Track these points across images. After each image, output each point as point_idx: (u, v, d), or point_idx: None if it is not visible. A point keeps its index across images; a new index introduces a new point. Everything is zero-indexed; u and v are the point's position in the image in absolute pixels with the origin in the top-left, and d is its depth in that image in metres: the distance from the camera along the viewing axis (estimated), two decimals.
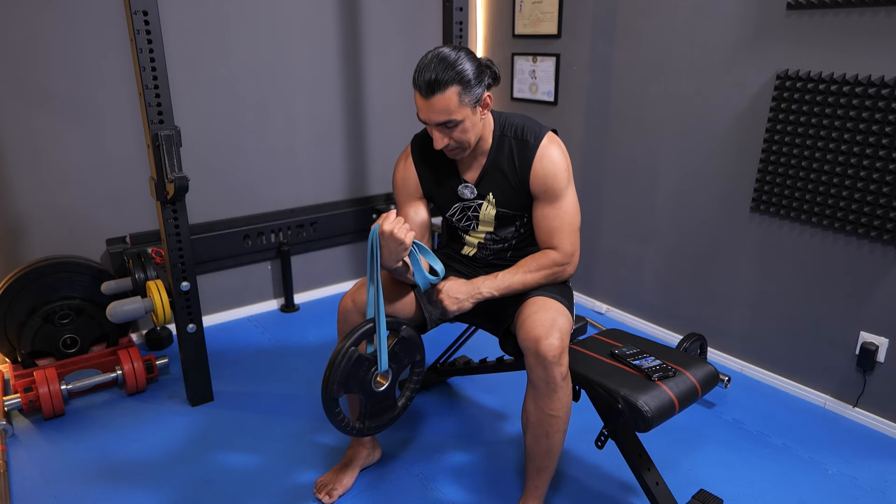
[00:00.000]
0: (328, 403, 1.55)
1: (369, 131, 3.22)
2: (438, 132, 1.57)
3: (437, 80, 1.48)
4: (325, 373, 1.52)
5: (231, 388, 2.43)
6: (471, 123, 1.56)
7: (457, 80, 1.49)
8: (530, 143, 1.63)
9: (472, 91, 1.52)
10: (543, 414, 1.56)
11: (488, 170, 1.69)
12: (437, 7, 3.08)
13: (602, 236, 3.02)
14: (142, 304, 2.19)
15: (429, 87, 1.49)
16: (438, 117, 1.52)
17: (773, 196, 2.30)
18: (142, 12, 1.85)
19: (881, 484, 1.94)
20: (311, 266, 3.21)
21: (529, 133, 1.65)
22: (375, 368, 1.59)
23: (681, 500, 1.76)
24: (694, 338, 2.36)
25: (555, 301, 1.63)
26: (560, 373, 1.51)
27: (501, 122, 1.68)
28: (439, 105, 1.50)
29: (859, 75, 2.01)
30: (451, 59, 1.49)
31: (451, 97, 1.49)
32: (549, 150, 1.63)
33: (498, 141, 1.67)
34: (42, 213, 2.46)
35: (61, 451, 2.05)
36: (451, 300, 1.66)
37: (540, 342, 1.49)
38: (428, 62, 1.50)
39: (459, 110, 1.52)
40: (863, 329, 2.18)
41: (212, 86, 2.70)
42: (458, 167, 1.72)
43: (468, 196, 1.73)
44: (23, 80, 2.32)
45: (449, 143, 1.58)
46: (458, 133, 1.56)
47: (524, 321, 1.56)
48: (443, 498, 1.86)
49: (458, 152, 1.63)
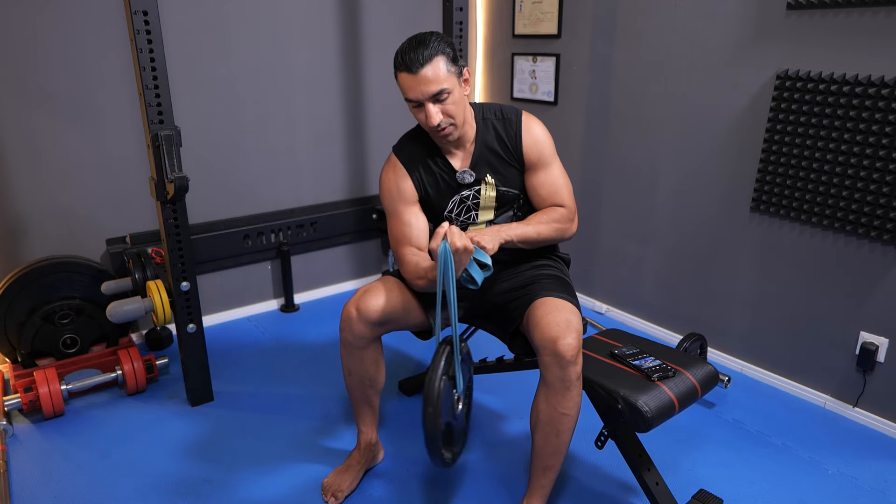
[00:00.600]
0: (435, 441, 1.45)
1: (369, 131, 3.22)
2: (432, 106, 1.59)
3: (424, 54, 1.55)
4: (426, 408, 1.42)
5: (231, 388, 2.43)
6: (459, 96, 1.62)
7: (440, 51, 1.57)
8: (513, 119, 1.74)
9: (456, 63, 1.61)
10: (555, 412, 1.56)
11: (480, 153, 1.73)
12: (437, 7, 3.08)
13: (602, 236, 3.02)
14: (142, 304, 2.19)
15: (416, 61, 1.55)
16: (430, 88, 1.56)
17: (773, 196, 2.30)
18: (142, 12, 1.85)
19: (881, 484, 1.94)
20: (311, 266, 3.21)
21: (508, 111, 1.76)
22: (455, 391, 1.54)
23: (681, 500, 1.76)
24: (694, 338, 2.36)
25: (566, 301, 1.65)
26: (575, 372, 1.53)
27: (481, 109, 1.77)
28: (430, 75, 1.55)
29: (859, 75, 2.01)
30: (433, 35, 1.59)
31: (438, 66, 1.56)
32: (531, 122, 1.75)
33: (481, 125, 1.74)
34: (42, 213, 2.46)
35: (61, 451, 2.05)
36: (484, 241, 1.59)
37: (558, 342, 1.50)
38: (408, 44, 1.58)
39: (448, 78, 1.58)
40: (863, 329, 2.18)
41: (212, 86, 2.70)
42: (450, 160, 1.74)
43: (468, 180, 1.74)
44: (23, 80, 2.32)
45: (442, 119, 1.61)
46: (451, 106, 1.60)
47: (539, 321, 1.58)
48: (443, 498, 1.86)
49: (452, 131, 1.65)
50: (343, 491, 1.85)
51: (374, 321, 1.67)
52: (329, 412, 2.28)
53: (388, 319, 1.70)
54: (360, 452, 1.92)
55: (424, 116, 1.61)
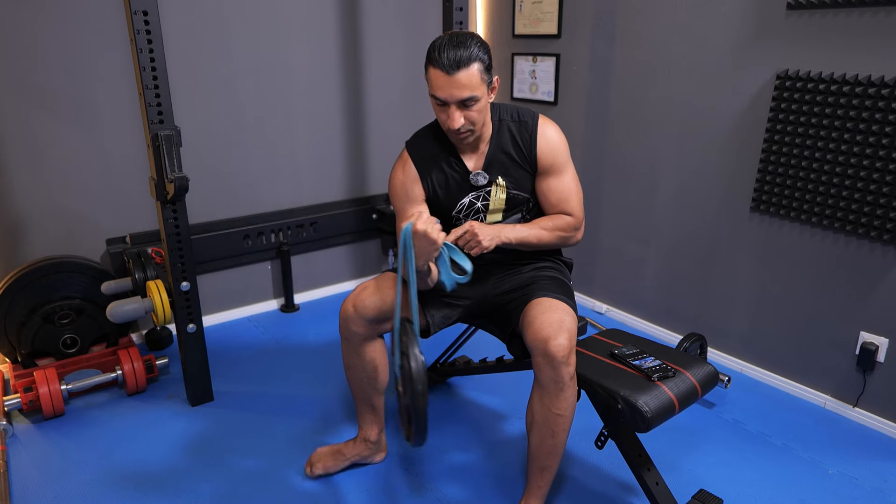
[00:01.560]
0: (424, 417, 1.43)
1: (369, 131, 3.22)
2: (456, 110, 1.57)
3: (463, 57, 1.51)
4: (416, 386, 1.40)
5: (231, 388, 2.43)
6: (485, 103, 1.60)
7: (478, 58, 1.53)
8: (528, 122, 1.71)
9: (489, 71, 1.58)
10: (550, 413, 1.56)
11: (493, 155, 1.71)
12: (436, 7, 3.08)
13: (602, 236, 3.02)
14: (142, 304, 2.19)
15: (454, 63, 1.51)
16: (462, 93, 1.53)
17: (773, 196, 2.30)
18: (142, 12, 1.85)
19: (881, 484, 1.94)
20: (311, 266, 3.21)
21: (525, 114, 1.73)
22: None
23: (681, 500, 1.76)
24: (694, 338, 2.36)
25: (561, 302, 1.64)
26: (568, 372, 1.52)
27: (497, 110, 1.74)
28: (464, 80, 1.52)
29: (859, 75, 2.01)
30: (471, 40, 1.54)
31: (474, 73, 1.53)
32: (547, 127, 1.72)
33: (497, 126, 1.72)
34: (42, 213, 2.46)
35: (61, 451, 2.05)
36: (484, 235, 1.61)
37: (549, 342, 1.50)
38: (448, 41, 1.53)
39: (480, 87, 1.55)
40: (863, 329, 2.18)
41: (212, 86, 2.70)
42: (464, 159, 1.72)
43: (481, 182, 1.72)
44: (23, 80, 2.32)
45: (464, 123, 1.59)
46: (475, 112, 1.58)
47: (532, 322, 1.57)
48: (443, 498, 1.87)
49: (469, 135, 1.64)
50: (318, 470, 1.90)
51: (371, 318, 1.68)
52: (329, 412, 2.28)
53: (385, 317, 1.70)
54: (354, 444, 1.94)
55: (446, 117, 1.58)
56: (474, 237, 1.60)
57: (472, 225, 1.61)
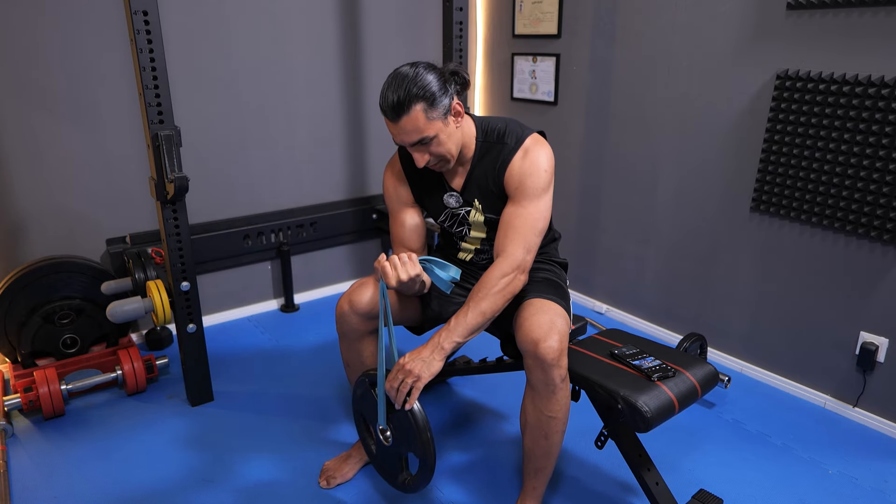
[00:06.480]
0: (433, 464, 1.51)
1: (369, 131, 3.22)
2: (416, 151, 1.56)
3: (400, 102, 1.47)
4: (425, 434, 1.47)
5: (231, 388, 2.43)
6: (445, 136, 1.55)
7: (420, 97, 1.47)
8: (510, 145, 1.62)
9: (439, 103, 1.50)
10: (542, 415, 1.56)
11: (472, 176, 1.69)
12: (437, 7, 3.08)
13: (602, 236, 3.02)
14: (142, 304, 2.19)
15: (394, 110, 1.48)
16: (410, 138, 1.52)
17: (773, 196, 2.30)
18: (142, 12, 1.85)
19: (881, 484, 1.94)
20: (310, 266, 3.21)
21: (510, 136, 1.63)
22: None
23: (681, 500, 1.76)
24: (694, 338, 2.36)
25: (552, 303, 1.63)
26: (559, 375, 1.51)
27: (484, 128, 1.67)
28: (408, 126, 1.50)
29: (859, 75, 2.01)
30: (409, 77, 1.48)
31: (417, 116, 1.48)
32: (530, 151, 1.60)
33: (480, 147, 1.67)
34: (42, 213, 2.46)
35: (61, 451, 2.05)
36: (418, 367, 1.44)
37: (539, 344, 1.48)
38: (388, 85, 1.50)
39: (430, 126, 1.50)
40: (863, 329, 2.18)
41: (212, 86, 2.70)
42: (445, 176, 1.73)
43: (453, 205, 1.74)
44: (23, 79, 2.32)
45: (429, 159, 1.58)
46: (435, 147, 1.55)
47: (522, 323, 1.56)
48: (443, 498, 1.87)
49: (443, 165, 1.63)
50: (336, 479, 1.89)
51: (366, 314, 1.68)
52: (329, 412, 2.28)
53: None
54: (359, 446, 1.94)
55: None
56: (408, 375, 1.44)
57: (401, 362, 1.46)
